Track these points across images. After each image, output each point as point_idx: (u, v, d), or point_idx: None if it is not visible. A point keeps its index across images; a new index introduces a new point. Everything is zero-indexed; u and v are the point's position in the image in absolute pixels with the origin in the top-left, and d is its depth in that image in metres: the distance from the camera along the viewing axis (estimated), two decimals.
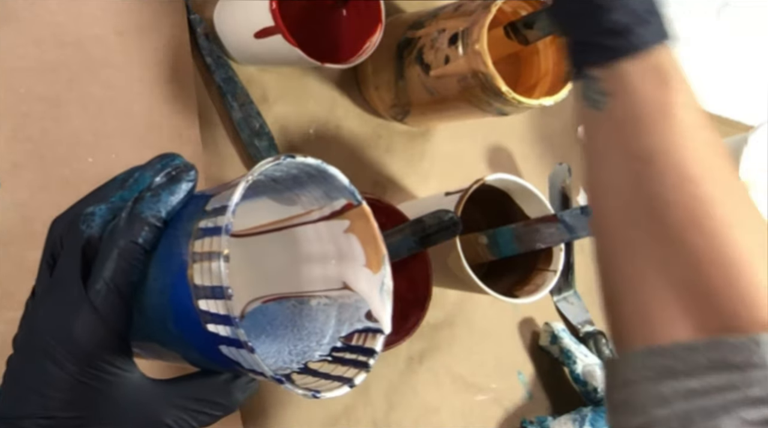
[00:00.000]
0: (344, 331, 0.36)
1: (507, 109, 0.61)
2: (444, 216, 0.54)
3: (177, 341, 0.33)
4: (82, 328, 0.31)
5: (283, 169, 0.33)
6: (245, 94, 0.62)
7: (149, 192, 0.33)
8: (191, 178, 0.34)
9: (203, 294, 0.30)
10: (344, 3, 0.63)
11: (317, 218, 0.37)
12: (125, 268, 0.32)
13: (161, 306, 0.32)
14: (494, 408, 0.72)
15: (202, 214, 0.31)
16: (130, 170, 0.35)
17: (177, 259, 0.31)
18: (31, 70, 0.54)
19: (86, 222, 0.33)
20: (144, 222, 0.32)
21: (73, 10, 0.56)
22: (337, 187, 0.35)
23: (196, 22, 0.61)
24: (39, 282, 0.35)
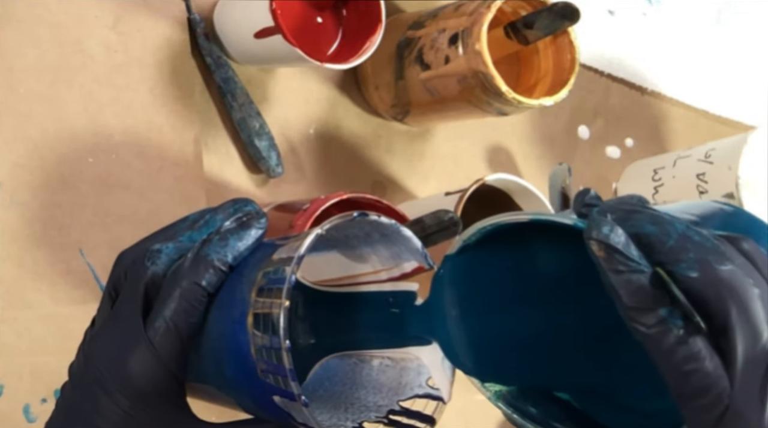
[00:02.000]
0: (403, 395, 0.36)
1: (507, 109, 0.61)
2: (444, 216, 0.54)
3: (232, 386, 0.32)
4: (138, 364, 0.31)
5: (355, 225, 0.33)
6: (245, 94, 0.62)
7: (218, 235, 0.33)
8: (261, 225, 0.34)
9: (261, 343, 0.30)
10: (344, 3, 0.63)
11: (386, 278, 0.36)
12: (186, 309, 0.32)
13: (219, 350, 0.32)
14: (494, 408, 0.72)
15: (268, 262, 0.31)
16: (201, 211, 0.35)
17: (238, 305, 0.31)
18: (31, 70, 0.54)
19: (152, 259, 0.33)
20: (209, 265, 0.32)
21: (73, 10, 0.56)
22: (410, 248, 0.35)
23: (196, 22, 0.61)
24: (100, 313, 0.35)
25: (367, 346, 0.37)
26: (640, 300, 0.27)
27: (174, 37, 0.60)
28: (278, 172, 0.63)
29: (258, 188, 0.64)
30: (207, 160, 0.61)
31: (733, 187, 0.69)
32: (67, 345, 0.53)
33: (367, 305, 0.38)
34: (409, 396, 0.36)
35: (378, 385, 0.36)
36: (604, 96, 0.84)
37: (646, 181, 0.79)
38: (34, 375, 0.52)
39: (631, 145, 0.85)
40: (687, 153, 0.77)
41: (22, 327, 0.52)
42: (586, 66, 0.82)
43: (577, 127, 0.82)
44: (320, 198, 0.54)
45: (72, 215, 0.55)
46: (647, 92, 0.86)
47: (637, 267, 0.28)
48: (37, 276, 0.53)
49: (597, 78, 0.83)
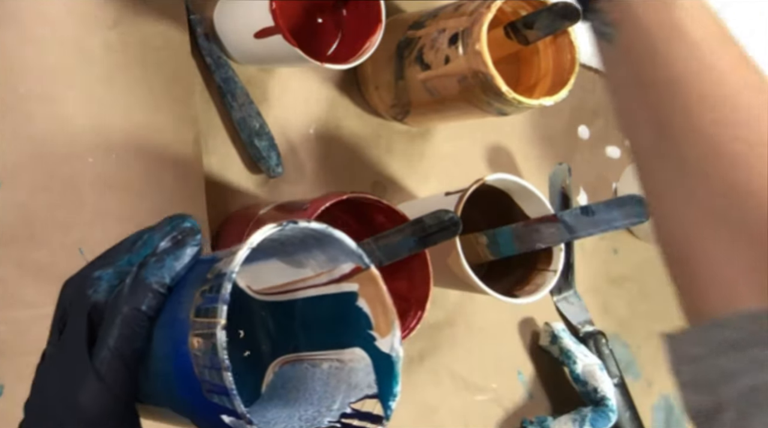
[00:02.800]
0: (354, 397, 0.36)
1: (507, 109, 0.61)
2: (444, 216, 0.54)
3: (183, 407, 0.32)
4: (87, 396, 0.31)
5: (288, 233, 0.33)
6: (245, 94, 0.62)
7: (154, 257, 0.33)
8: (196, 242, 0.33)
9: (202, 363, 0.30)
10: (344, 3, 0.63)
11: (326, 281, 0.37)
12: (129, 336, 0.32)
13: (166, 372, 0.32)
14: (494, 408, 0.72)
15: (204, 281, 0.31)
16: (139, 232, 0.35)
17: (179, 326, 0.31)
18: (31, 70, 0.54)
19: (93, 287, 0.33)
20: (148, 289, 0.32)
21: (73, 10, 0.56)
22: (345, 250, 0.35)
23: (196, 22, 0.61)
24: (49, 346, 0.35)
25: (315, 348, 0.38)
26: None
27: (174, 37, 0.59)
28: (278, 172, 0.63)
29: (258, 188, 0.64)
30: (207, 160, 0.61)
31: None
32: None
33: (311, 308, 0.38)
34: (360, 398, 0.36)
35: (329, 389, 0.37)
36: (604, 96, 0.84)
37: None
38: None
39: None
40: None
41: (22, 328, 0.52)
42: (586, 66, 0.82)
43: (577, 127, 0.82)
44: (320, 198, 0.54)
45: (72, 215, 0.54)
46: None
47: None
48: (37, 276, 0.53)
49: (597, 78, 0.83)
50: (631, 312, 0.82)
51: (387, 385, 0.35)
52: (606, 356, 0.75)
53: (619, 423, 0.72)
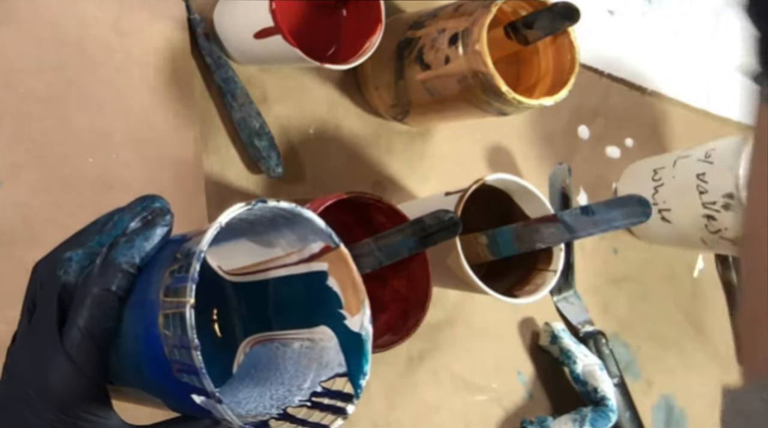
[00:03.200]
0: (324, 376, 0.36)
1: (507, 109, 0.61)
2: (444, 216, 0.54)
3: (153, 387, 0.32)
4: (58, 377, 0.31)
5: (257, 213, 0.33)
6: (245, 94, 0.62)
7: (124, 237, 0.33)
8: (166, 222, 0.33)
9: (172, 342, 0.30)
10: (344, 3, 0.63)
11: (297, 261, 0.37)
12: (99, 316, 0.32)
13: (136, 353, 0.32)
14: (494, 408, 0.72)
15: (173, 260, 0.31)
16: (110, 213, 0.35)
17: (149, 307, 0.31)
18: (31, 70, 0.54)
19: (63, 268, 0.33)
20: (117, 269, 0.32)
21: (73, 10, 0.56)
22: (314, 230, 0.35)
23: (196, 22, 0.61)
24: (19, 327, 0.35)
25: (286, 328, 0.38)
26: None
27: (174, 37, 0.60)
28: (278, 172, 0.63)
29: (258, 188, 0.64)
30: (207, 160, 0.61)
31: (733, 187, 0.69)
32: None
33: (282, 288, 0.38)
34: (330, 376, 0.36)
35: (300, 368, 0.37)
36: (604, 96, 0.84)
37: (646, 181, 0.79)
38: None
39: (631, 145, 0.85)
40: (687, 153, 0.77)
41: None
42: (586, 66, 0.82)
43: (577, 127, 0.82)
44: (320, 198, 0.54)
45: (72, 215, 0.54)
46: (647, 92, 0.86)
47: None
48: None
49: (597, 78, 0.83)
50: (631, 312, 0.82)
51: (357, 364, 0.35)
52: (606, 356, 0.75)
53: (619, 423, 0.72)
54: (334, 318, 0.36)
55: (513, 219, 0.65)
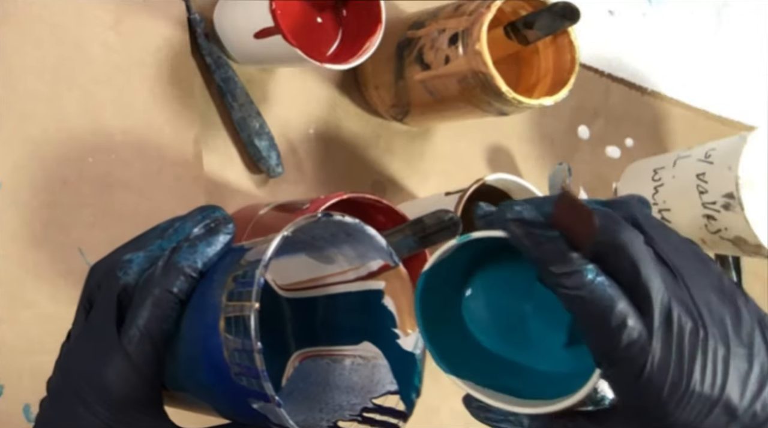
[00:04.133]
0: (376, 392, 0.36)
1: (507, 109, 0.61)
2: (444, 216, 0.54)
3: (207, 391, 0.33)
4: (115, 375, 0.32)
5: (321, 226, 0.33)
6: (245, 94, 0.62)
7: (187, 242, 0.33)
8: (229, 230, 0.34)
9: (233, 346, 0.30)
10: (344, 3, 0.63)
11: (353, 278, 0.37)
12: (159, 316, 0.32)
13: (193, 355, 0.32)
14: None
15: (236, 267, 0.31)
16: (170, 220, 0.35)
17: (210, 310, 0.31)
18: (31, 70, 0.54)
19: (123, 270, 0.34)
20: (180, 272, 0.33)
21: (73, 10, 0.56)
22: (375, 247, 0.35)
23: (196, 22, 0.61)
24: (75, 326, 0.35)
25: (338, 345, 0.38)
26: (562, 262, 0.30)
27: (174, 37, 0.60)
28: (278, 172, 0.63)
29: (258, 188, 0.64)
30: (207, 160, 0.61)
31: (733, 187, 0.69)
32: None
33: (337, 305, 0.38)
34: (382, 393, 0.36)
35: (351, 384, 0.37)
36: (604, 96, 0.84)
37: (646, 181, 0.79)
38: (34, 375, 0.52)
39: (631, 145, 0.85)
40: (687, 153, 0.77)
41: (22, 327, 0.52)
42: (586, 66, 0.82)
43: (577, 127, 0.82)
44: (320, 198, 0.54)
45: (72, 215, 0.54)
46: (647, 92, 0.86)
47: (554, 235, 0.31)
48: (37, 276, 0.53)
49: (597, 78, 0.83)
50: None
51: (409, 382, 0.35)
52: None
53: None
54: (387, 337, 0.36)
55: None
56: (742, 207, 0.69)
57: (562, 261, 0.30)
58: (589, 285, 0.30)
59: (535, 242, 0.31)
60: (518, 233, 0.31)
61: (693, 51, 0.91)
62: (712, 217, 0.72)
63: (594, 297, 0.30)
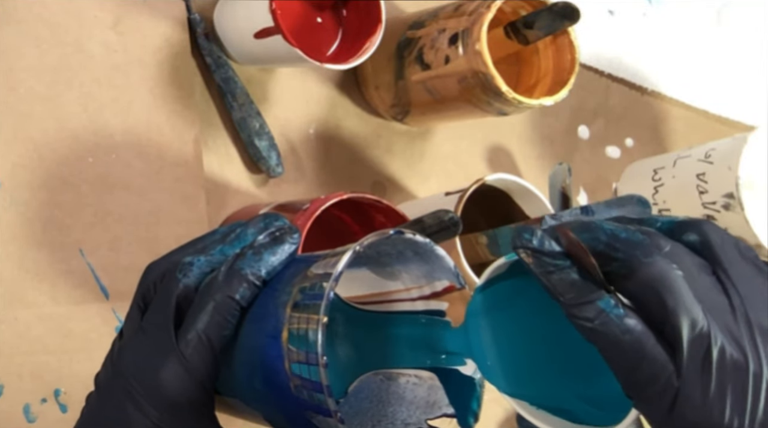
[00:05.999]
0: (432, 414, 0.35)
1: (507, 109, 0.61)
2: (444, 216, 0.54)
3: (262, 401, 0.32)
4: (169, 376, 0.31)
5: (390, 243, 0.33)
6: (245, 94, 0.62)
7: (251, 249, 0.33)
8: (295, 240, 0.34)
9: (296, 358, 0.30)
10: (344, 3, 0.63)
11: (416, 297, 0.36)
12: (219, 322, 0.32)
13: (251, 364, 0.32)
14: (494, 408, 0.72)
15: (303, 278, 0.31)
16: (232, 225, 0.35)
17: (272, 320, 0.31)
18: (31, 70, 0.54)
19: (183, 272, 0.33)
20: (243, 279, 0.32)
21: (73, 10, 0.56)
22: (442, 267, 0.35)
23: (196, 22, 0.61)
24: (128, 324, 0.35)
25: (396, 364, 0.37)
26: (576, 294, 0.29)
27: (174, 37, 0.60)
28: (278, 172, 0.63)
29: (258, 188, 0.64)
30: (207, 160, 0.61)
31: (733, 187, 0.69)
32: (67, 345, 0.53)
33: (397, 323, 0.37)
34: (438, 415, 0.35)
35: (406, 403, 0.36)
36: (604, 96, 0.84)
37: (646, 181, 0.79)
38: (34, 375, 0.52)
39: (631, 145, 0.85)
40: (687, 153, 0.77)
41: (22, 327, 0.52)
42: (586, 66, 0.82)
43: (577, 127, 0.82)
44: (320, 198, 0.54)
45: (72, 215, 0.54)
46: (647, 92, 0.86)
47: (565, 265, 0.30)
48: (37, 276, 0.53)
49: (597, 78, 0.83)
50: None
51: (466, 406, 0.35)
52: None
53: None
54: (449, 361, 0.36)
55: (513, 219, 0.65)
56: (742, 207, 0.69)
57: (572, 291, 0.29)
58: (602, 316, 0.29)
59: (544, 271, 0.30)
60: (528, 261, 0.30)
61: (693, 51, 0.91)
62: (712, 217, 0.72)
63: (607, 330, 0.29)
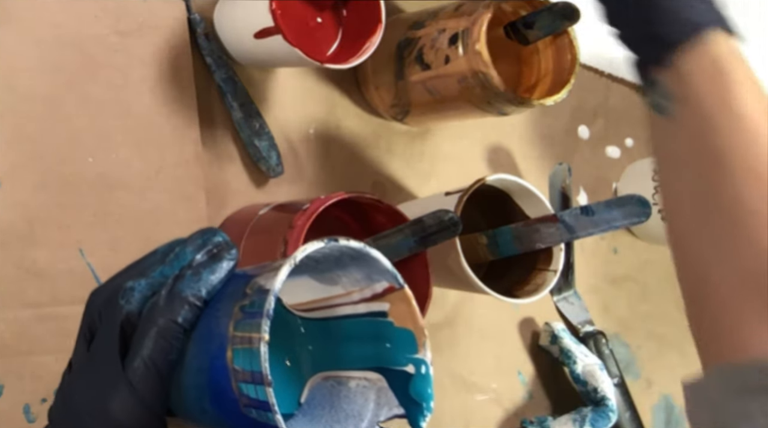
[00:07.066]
0: (383, 416, 0.36)
1: (507, 109, 0.61)
2: (444, 216, 0.54)
3: (214, 422, 0.32)
4: (120, 406, 0.31)
5: (326, 251, 0.33)
6: (245, 94, 0.62)
7: (190, 270, 0.33)
8: (232, 256, 0.33)
9: (242, 378, 0.30)
10: (344, 3, 0.63)
11: (358, 299, 0.36)
12: (164, 347, 0.32)
13: (199, 386, 0.32)
14: (494, 408, 0.72)
15: (242, 295, 0.31)
16: (170, 244, 0.35)
17: (216, 340, 0.31)
18: (31, 70, 0.54)
19: (125, 298, 0.33)
20: (184, 302, 0.32)
21: (73, 10, 0.56)
22: (380, 269, 0.35)
23: (196, 22, 0.61)
24: (75, 355, 0.35)
25: (344, 368, 0.37)
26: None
27: (174, 37, 0.60)
28: (278, 172, 0.63)
29: (258, 188, 0.64)
30: (207, 160, 0.61)
31: None
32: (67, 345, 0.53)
33: (342, 326, 0.38)
34: (388, 417, 0.35)
35: (357, 407, 0.36)
36: (604, 96, 0.84)
37: (646, 180, 0.79)
38: (34, 375, 0.52)
39: (631, 145, 0.85)
40: None
41: (22, 327, 0.52)
42: (586, 66, 0.82)
43: (577, 127, 0.82)
44: (320, 198, 0.54)
45: (72, 215, 0.54)
46: None
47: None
48: (37, 276, 0.53)
49: (597, 78, 0.83)
50: (631, 312, 0.82)
51: (417, 405, 0.35)
52: (606, 356, 0.75)
53: (619, 423, 0.72)
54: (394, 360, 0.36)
55: (513, 219, 0.65)
56: None
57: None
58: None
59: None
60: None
61: None
62: None
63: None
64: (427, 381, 0.35)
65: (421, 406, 0.35)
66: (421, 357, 0.35)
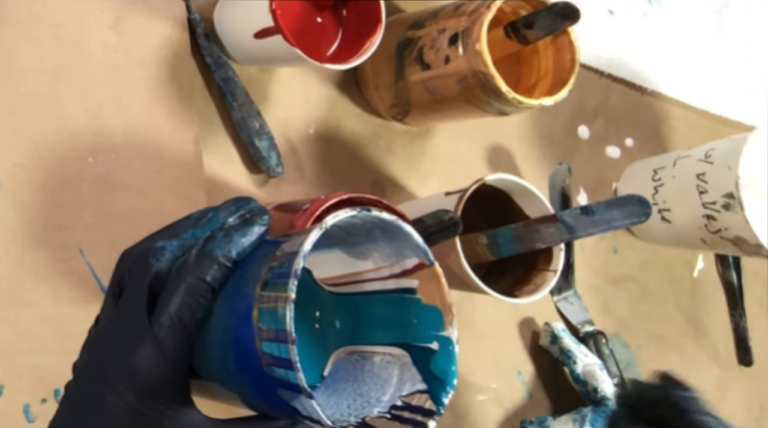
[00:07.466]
0: (406, 391, 0.36)
1: (507, 109, 0.61)
2: (444, 216, 0.54)
3: (236, 382, 0.33)
4: (144, 360, 0.32)
5: (357, 221, 0.33)
6: (245, 94, 0.62)
7: (221, 232, 0.33)
8: (264, 222, 0.34)
9: (267, 336, 0.30)
10: (344, 3, 0.63)
11: (387, 275, 0.37)
12: (191, 304, 0.32)
13: (224, 345, 0.32)
14: (494, 408, 0.72)
15: (272, 258, 0.31)
16: (204, 210, 0.35)
17: (243, 300, 0.31)
18: (31, 70, 0.54)
19: (156, 257, 0.34)
20: (214, 261, 0.32)
21: (73, 10, 0.56)
22: (411, 245, 0.35)
23: (196, 22, 0.61)
24: (104, 310, 0.35)
25: (370, 342, 0.38)
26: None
27: (174, 37, 0.60)
28: (278, 172, 0.63)
29: (258, 188, 0.64)
30: (207, 160, 0.61)
31: (733, 187, 0.69)
32: (67, 345, 0.53)
33: (370, 302, 0.38)
34: (411, 392, 0.36)
35: (380, 381, 0.37)
36: (604, 96, 0.84)
37: (646, 181, 0.79)
38: (34, 375, 0.52)
39: (631, 145, 0.85)
40: (687, 153, 0.77)
41: (22, 327, 0.52)
42: (586, 66, 0.82)
43: (577, 127, 0.82)
44: (320, 198, 0.54)
45: (72, 215, 0.55)
46: (647, 92, 0.86)
47: None
48: (37, 276, 0.53)
49: (597, 78, 0.83)
50: (631, 312, 0.82)
51: (440, 382, 0.35)
52: (606, 356, 0.75)
53: None
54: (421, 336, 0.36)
55: (513, 219, 0.65)
56: (742, 207, 0.69)
57: None
58: None
59: None
60: None
61: (693, 51, 0.91)
62: (712, 217, 0.73)
63: None
64: (452, 358, 0.35)
65: (444, 383, 0.35)
66: (448, 335, 0.36)
